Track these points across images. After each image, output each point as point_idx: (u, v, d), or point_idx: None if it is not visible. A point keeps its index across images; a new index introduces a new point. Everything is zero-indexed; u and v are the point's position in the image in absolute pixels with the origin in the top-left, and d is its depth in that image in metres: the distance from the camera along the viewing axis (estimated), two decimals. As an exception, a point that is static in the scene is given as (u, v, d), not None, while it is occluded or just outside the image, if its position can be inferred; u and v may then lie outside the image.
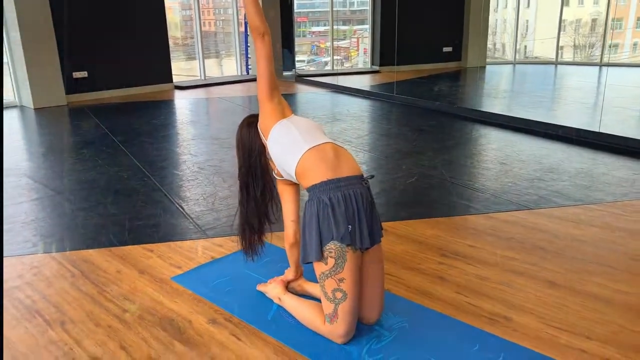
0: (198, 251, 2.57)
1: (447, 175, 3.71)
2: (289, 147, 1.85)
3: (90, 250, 2.60)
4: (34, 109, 6.72)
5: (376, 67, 10.15)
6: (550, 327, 1.90)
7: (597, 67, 10.14)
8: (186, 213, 3.08)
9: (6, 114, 6.54)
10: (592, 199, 3.22)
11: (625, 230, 2.79)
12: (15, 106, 6.95)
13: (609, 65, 9.64)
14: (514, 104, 6.97)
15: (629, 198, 3.24)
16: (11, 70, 6.89)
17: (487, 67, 10.62)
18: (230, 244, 2.63)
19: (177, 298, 2.14)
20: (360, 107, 6.70)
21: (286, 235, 2.00)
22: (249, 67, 9.63)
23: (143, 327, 1.94)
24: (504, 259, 2.45)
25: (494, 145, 4.63)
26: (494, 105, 6.86)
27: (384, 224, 2.84)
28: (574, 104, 6.92)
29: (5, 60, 6.89)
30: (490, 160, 4.10)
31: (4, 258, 2.53)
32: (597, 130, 4.66)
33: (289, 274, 2.12)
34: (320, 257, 1.74)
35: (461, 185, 3.53)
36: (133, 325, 1.95)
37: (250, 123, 2.03)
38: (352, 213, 1.74)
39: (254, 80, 9.04)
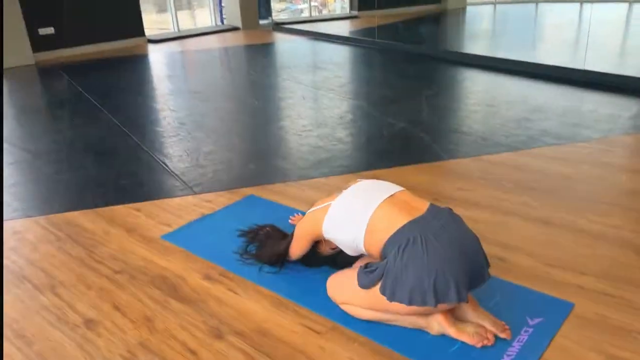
0: (187, 208, 2.52)
1: (430, 119, 3.66)
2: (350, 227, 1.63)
3: (75, 212, 2.53)
4: (1, 69, 6.42)
5: (355, 12, 9.87)
6: (545, 265, 1.92)
7: (579, 4, 9.99)
8: (171, 170, 3.00)
9: (-28, 76, 6.24)
10: (580, 136, 3.21)
11: (614, 165, 2.80)
12: (-20, 68, 6.62)
13: (592, 1, 9.50)
14: (497, 45, 6.87)
15: (616, 134, 3.24)
16: (-28, 29, 6.53)
17: (468, 8, 10.42)
18: (219, 200, 2.58)
19: (169, 256, 2.09)
20: (342, 54, 6.54)
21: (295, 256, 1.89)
22: (224, 17, 9.28)
23: (136, 287, 1.90)
24: (496, 200, 2.44)
25: (479, 88, 4.57)
26: (477, 47, 6.76)
27: (374, 172, 2.83)
28: (557, 42, 6.84)
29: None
30: (477, 103, 4.05)
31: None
32: (582, 68, 4.61)
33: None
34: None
35: (449, 129, 3.49)
36: (126, 286, 1.91)
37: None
38: None
39: (230, 30, 8.76)
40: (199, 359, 1.54)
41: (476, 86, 4.65)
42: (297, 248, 1.85)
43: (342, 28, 8.60)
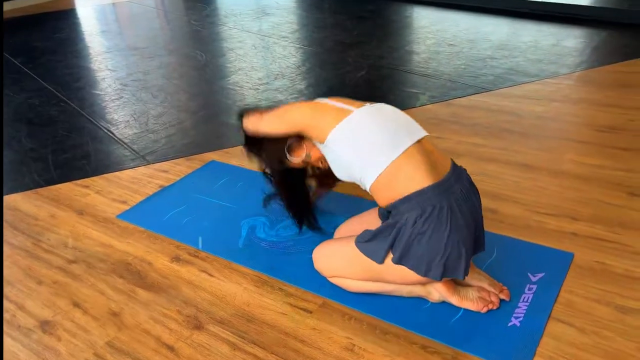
0: (142, 180, 2.27)
1: (397, 64, 3.47)
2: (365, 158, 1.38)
3: (13, 195, 2.23)
4: None
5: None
6: (536, 213, 1.83)
7: None
8: (118, 138, 2.71)
9: None
10: (547, 72, 3.12)
11: (585, 101, 2.73)
12: None
13: None
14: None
15: (582, 68, 3.17)
16: None
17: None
18: (177, 168, 2.34)
19: (129, 238, 1.87)
20: (289, -2, 6.16)
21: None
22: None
23: (96, 277, 1.68)
24: (474, 147, 2.33)
25: (438, 27, 4.38)
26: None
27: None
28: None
29: None
30: (438, 43, 3.88)
31: None
32: None
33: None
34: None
35: (414, 73, 3.32)
36: (83, 277, 1.69)
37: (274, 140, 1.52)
38: None
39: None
40: (179, 355, 1.37)
41: (433, 25, 4.46)
42: (269, 125, 1.49)
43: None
